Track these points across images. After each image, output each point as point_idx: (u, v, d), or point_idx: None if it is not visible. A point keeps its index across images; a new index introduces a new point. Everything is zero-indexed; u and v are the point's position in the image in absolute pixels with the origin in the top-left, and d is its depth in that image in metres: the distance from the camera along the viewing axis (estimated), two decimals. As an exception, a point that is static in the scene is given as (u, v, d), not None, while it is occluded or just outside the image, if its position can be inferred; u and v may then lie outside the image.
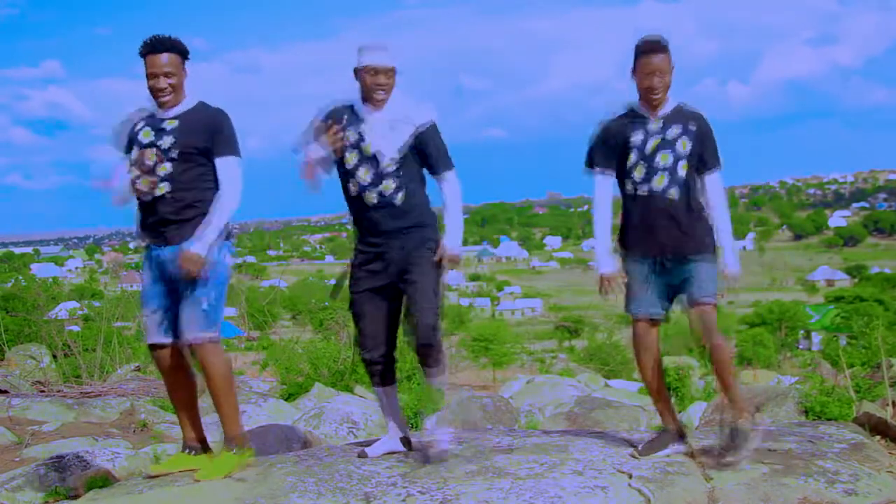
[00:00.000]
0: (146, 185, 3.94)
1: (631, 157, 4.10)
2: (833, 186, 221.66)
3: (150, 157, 3.95)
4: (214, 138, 4.01)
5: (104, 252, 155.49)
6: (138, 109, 4.11)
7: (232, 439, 4.07)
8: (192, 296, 3.93)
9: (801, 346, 42.48)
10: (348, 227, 4.37)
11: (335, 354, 9.62)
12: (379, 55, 4.04)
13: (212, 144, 4.00)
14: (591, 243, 4.37)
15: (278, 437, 5.80)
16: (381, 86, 4.07)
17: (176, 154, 3.95)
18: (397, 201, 4.09)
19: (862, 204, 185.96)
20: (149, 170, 3.95)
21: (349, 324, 9.78)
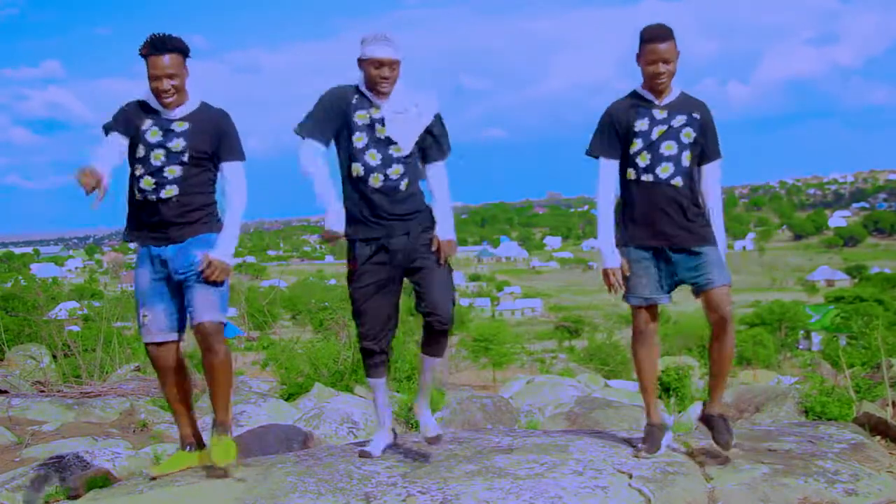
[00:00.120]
0: (149, 185, 3.91)
1: (636, 144, 4.10)
2: (833, 186, 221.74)
3: (157, 157, 3.91)
4: (221, 142, 4.00)
5: (104, 252, 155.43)
6: (137, 101, 4.00)
7: (226, 425, 4.03)
8: (205, 283, 3.91)
9: (801, 347, 42.47)
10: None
11: (335, 354, 9.60)
12: (383, 47, 4.02)
13: (219, 149, 4.00)
14: (593, 242, 4.37)
15: (278, 437, 5.80)
16: (386, 78, 4.06)
17: (187, 158, 3.93)
18: (402, 186, 4.11)
19: (862, 204, 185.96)
20: (155, 170, 3.91)
21: (349, 324, 9.76)
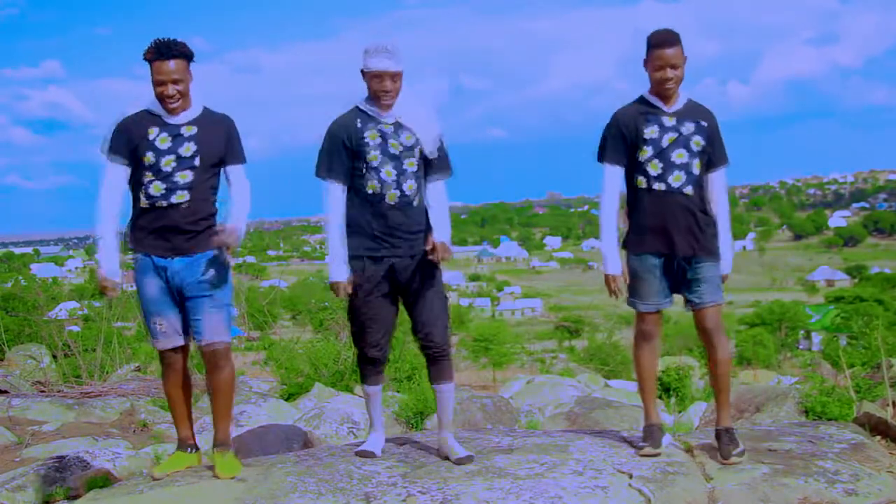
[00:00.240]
0: (159, 191, 3.90)
1: (646, 152, 4.09)
2: (833, 186, 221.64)
3: (167, 163, 3.90)
4: (228, 146, 4.02)
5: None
6: (137, 112, 3.98)
7: (228, 443, 4.10)
8: (214, 301, 3.96)
9: (801, 347, 42.46)
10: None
11: (335, 354, 9.60)
12: (383, 60, 4.03)
13: (225, 153, 4.01)
14: (595, 242, 4.39)
15: (278, 437, 5.80)
16: (387, 91, 4.09)
17: (198, 162, 3.92)
18: (415, 203, 4.16)
19: (862, 204, 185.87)
20: (166, 176, 3.89)
21: (348, 325, 9.75)
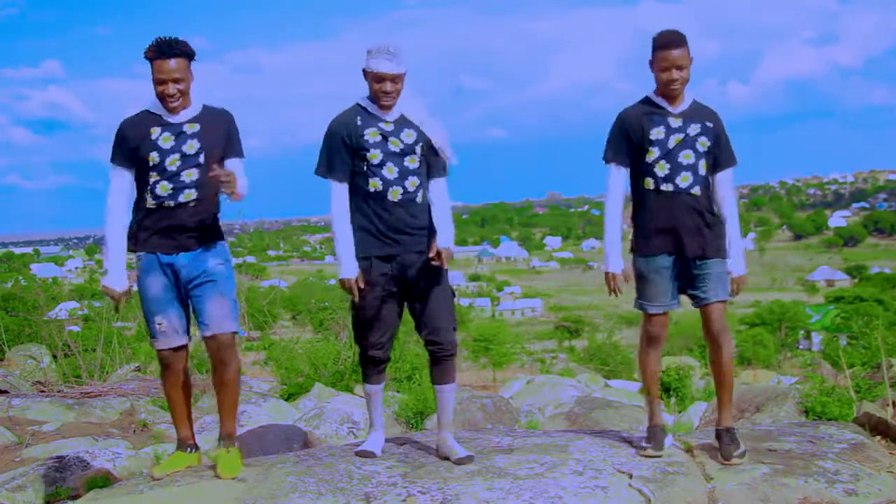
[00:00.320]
0: (166, 190, 3.89)
1: (653, 153, 4.09)
2: (833, 186, 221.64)
3: (172, 162, 3.89)
4: (228, 141, 4.02)
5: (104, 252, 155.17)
6: (136, 114, 3.96)
7: (233, 437, 4.10)
8: (220, 292, 3.96)
9: (801, 347, 42.46)
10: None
11: (335, 354, 9.60)
12: (385, 62, 4.02)
13: (225, 147, 4.01)
14: (595, 242, 4.40)
15: (278, 437, 5.80)
16: (388, 93, 4.08)
17: (202, 159, 3.92)
18: (419, 199, 4.16)
19: (862, 204, 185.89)
20: (172, 175, 3.89)
21: (349, 324, 9.76)
